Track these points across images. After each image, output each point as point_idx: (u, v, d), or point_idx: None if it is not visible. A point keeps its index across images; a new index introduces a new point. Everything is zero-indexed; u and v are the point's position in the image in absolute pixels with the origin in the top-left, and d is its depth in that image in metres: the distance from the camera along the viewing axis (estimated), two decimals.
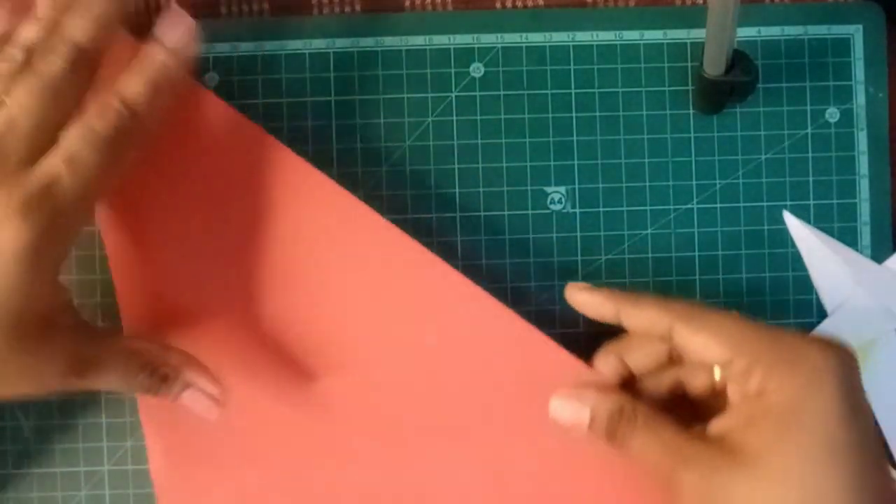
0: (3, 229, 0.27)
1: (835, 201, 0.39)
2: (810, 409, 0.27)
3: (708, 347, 0.29)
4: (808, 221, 0.39)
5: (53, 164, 0.28)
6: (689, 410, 0.32)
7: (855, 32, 0.39)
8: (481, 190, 0.39)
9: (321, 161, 0.38)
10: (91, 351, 0.31)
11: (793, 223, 0.39)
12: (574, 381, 0.33)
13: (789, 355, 0.28)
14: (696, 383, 0.32)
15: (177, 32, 0.32)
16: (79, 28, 0.29)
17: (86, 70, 0.30)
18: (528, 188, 0.39)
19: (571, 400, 0.32)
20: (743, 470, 0.27)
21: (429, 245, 0.38)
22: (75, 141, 0.29)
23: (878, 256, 0.39)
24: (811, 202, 0.39)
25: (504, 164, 0.39)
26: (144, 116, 0.30)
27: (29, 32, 0.30)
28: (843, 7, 0.39)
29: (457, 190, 0.39)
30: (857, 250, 0.39)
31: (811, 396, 0.27)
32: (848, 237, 0.39)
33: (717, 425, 0.30)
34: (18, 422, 0.38)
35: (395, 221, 0.38)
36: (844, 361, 0.28)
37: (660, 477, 0.29)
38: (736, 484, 0.27)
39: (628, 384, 0.33)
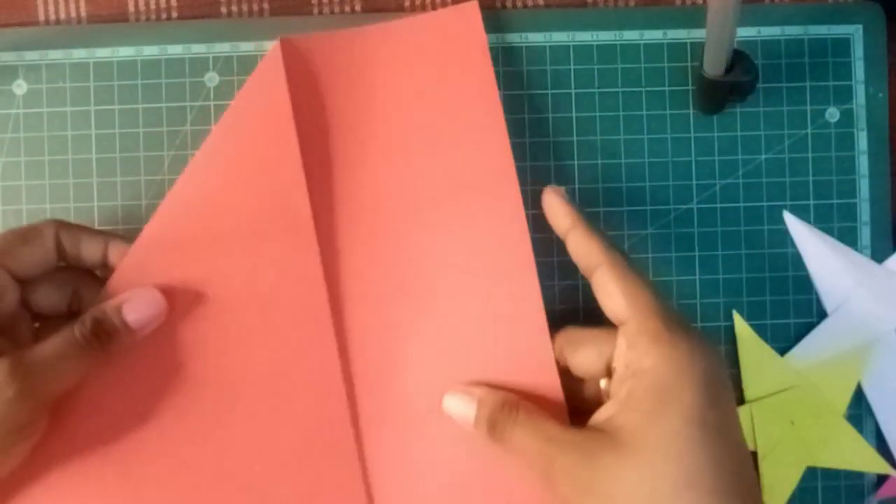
0: None
1: (835, 201, 0.39)
2: (682, 390, 0.28)
3: (616, 299, 0.30)
4: (808, 221, 0.39)
5: None
6: None
7: (855, 32, 0.39)
8: None
9: None
10: (37, 368, 0.30)
11: (793, 223, 0.39)
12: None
13: (669, 335, 0.29)
14: (587, 392, 0.33)
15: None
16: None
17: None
18: (528, 188, 0.39)
19: (461, 395, 0.33)
20: (619, 451, 0.28)
21: None
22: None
23: (878, 256, 0.39)
24: (811, 202, 0.39)
25: None
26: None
27: None
28: (843, 7, 0.39)
29: None
30: (857, 250, 0.39)
31: (683, 379, 0.28)
32: (848, 237, 0.39)
33: (598, 416, 0.30)
34: None
35: None
36: (711, 350, 0.29)
37: (538, 470, 0.30)
38: (612, 465, 0.28)
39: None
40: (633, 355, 0.29)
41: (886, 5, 0.39)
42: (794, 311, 0.39)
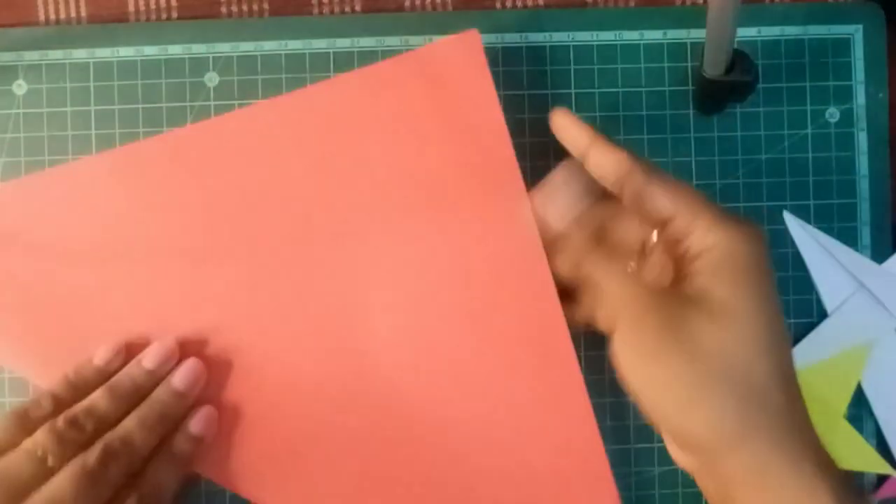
0: None
1: (835, 201, 0.39)
2: (757, 261, 0.30)
3: (661, 196, 0.31)
4: (808, 221, 0.39)
5: None
6: None
7: (855, 32, 0.39)
8: None
9: None
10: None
11: (793, 223, 0.39)
12: None
13: (724, 219, 0.30)
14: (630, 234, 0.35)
15: (205, 425, 0.36)
16: (142, 438, 0.33)
17: (135, 469, 0.33)
18: (529, 188, 0.39)
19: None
20: (710, 313, 0.29)
21: None
22: None
23: (878, 256, 0.39)
24: (811, 202, 0.39)
25: None
26: (165, 496, 0.34)
27: (100, 406, 0.34)
28: (843, 7, 0.39)
29: None
30: (857, 250, 0.39)
31: (753, 250, 0.30)
32: (848, 237, 0.39)
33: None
34: None
35: None
36: (760, 231, 0.31)
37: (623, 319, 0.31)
38: (706, 325, 0.29)
39: None
40: (691, 240, 0.30)
41: (886, 5, 0.39)
42: (794, 311, 0.39)
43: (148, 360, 0.35)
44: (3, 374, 0.38)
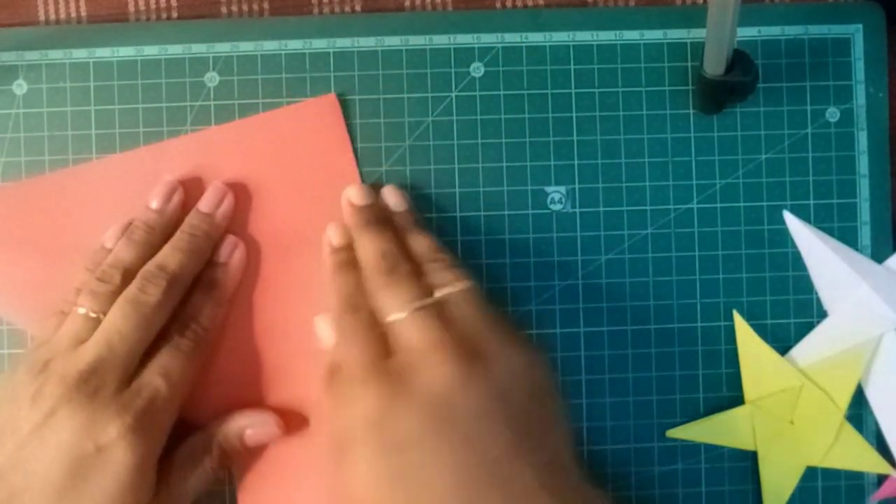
0: (119, 448, 0.31)
1: (835, 201, 0.39)
2: None
3: None
4: (808, 221, 0.39)
5: (152, 379, 0.33)
6: None
7: (855, 32, 0.39)
8: (481, 190, 0.39)
9: None
10: (173, 492, 0.34)
11: (793, 223, 0.39)
12: None
13: None
14: None
15: (231, 251, 0.37)
16: (176, 260, 0.35)
17: (177, 296, 0.35)
18: (528, 188, 0.39)
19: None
20: None
21: None
22: (167, 358, 0.34)
23: (878, 256, 0.39)
24: (811, 202, 0.39)
25: (504, 164, 0.39)
26: (212, 328, 0.36)
27: (125, 255, 0.35)
28: (843, 7, 0.39)
29: (457, 190, 0.39)
30: (857, 250, 0.39)
31: None
32: (848, 237, 0.39)
33: None
34: None
35: None
36: None
37: None
38: None
39: None
40: None
41: (886, 5, 0.39)
42: (794, 311, 0.39)
43: (155, 201, 0.37)
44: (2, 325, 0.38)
